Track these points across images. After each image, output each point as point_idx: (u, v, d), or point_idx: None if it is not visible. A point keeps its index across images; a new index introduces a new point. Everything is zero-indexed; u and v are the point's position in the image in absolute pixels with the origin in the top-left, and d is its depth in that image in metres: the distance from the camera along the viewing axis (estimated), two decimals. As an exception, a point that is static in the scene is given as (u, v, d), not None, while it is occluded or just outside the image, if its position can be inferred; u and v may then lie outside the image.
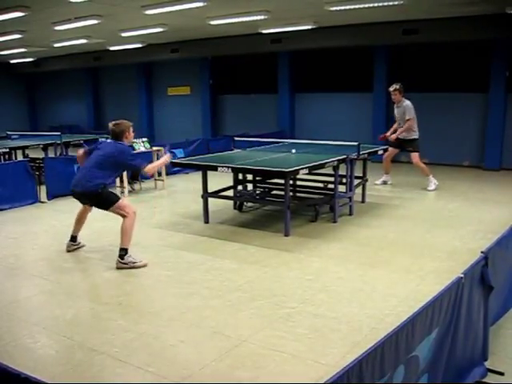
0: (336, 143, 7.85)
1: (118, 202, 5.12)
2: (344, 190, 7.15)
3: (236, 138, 8.78)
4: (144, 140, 9.41)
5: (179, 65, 16.30)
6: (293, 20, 11.07)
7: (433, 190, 8.73)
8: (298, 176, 7.01)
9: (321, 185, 7.81)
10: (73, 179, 5.30)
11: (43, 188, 8.50)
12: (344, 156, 6.90)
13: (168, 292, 4.54)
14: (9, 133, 12.79)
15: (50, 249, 5.86)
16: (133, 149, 8.96)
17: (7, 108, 19.42)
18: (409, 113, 8.68)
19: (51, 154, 11.07)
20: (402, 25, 11.09)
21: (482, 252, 2.83)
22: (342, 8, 9.24)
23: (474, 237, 6.01)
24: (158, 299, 4.40)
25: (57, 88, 20.00)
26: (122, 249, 5.10)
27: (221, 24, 10.95)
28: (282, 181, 6.41)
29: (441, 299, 2.31)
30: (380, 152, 8.52)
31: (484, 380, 2.92)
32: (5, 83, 19.46)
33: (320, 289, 4.50)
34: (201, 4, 8.87)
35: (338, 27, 11.82)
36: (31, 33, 11.82)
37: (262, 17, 10.17)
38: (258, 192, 8.12)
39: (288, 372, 3.17)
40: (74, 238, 5.70)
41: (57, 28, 10.98)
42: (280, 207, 6.73)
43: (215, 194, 7.06)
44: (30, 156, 10.73)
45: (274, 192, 7.79)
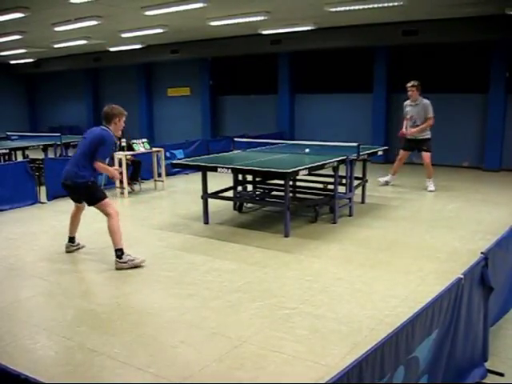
0: (336, 144, 7.86)
1: (105, 200, 5.24)
2: (344, 191, 7.15)
3: (236, 139, 8.78)
4: (144, 141, 9.41)
5: (179, 66, 16.32)
6: (293, 21, 11.08)
7: (433, 191, 8.74)
8: (298, 177, 7.02)
9: (321, 186, 7.81)
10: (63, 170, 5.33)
11: (43, 189, 8.51)
12: (344, 157, 6.91)
13: (168, 293, 4.54)
14: (9, 133, 12.80)
15: (50, 249, 5.86)
16: (132, 149, 8.98)
17: (7, 109, 19.42)
18: (430, 111, 8.54)
19: (51, 155, 11.08)
20: (402, 26, 11.11)
21: (482, 253, 2.83)
22: (342, 9, 9.26)
23: (474, 237, 6.01)
24: (158, 300, 4.40)
25: (57, 89, 20.02)
26: (117, 249, 5.14)
27: (221, 25, 10.96)
28: (282, 182, 6.41)
29: (441, 300, 2.31)
30: (380, 153, 8.54)
31: (484, 381, 2.92)
32: (5, 84, 19.47)
33: (320, 290, 4.50)
34: (201, 5, 8.88)
35: (338, 28, 11.84)
36: (31, 34, 11.83)
37: (262, 18, 10.18)
38: (258, 193, 8.12)
39: (288, 373, 3.17)
40: (72, 239, 5.73)
41: (57, 29, 11.00)
42: (280, 208, 6.73)
43: (215, 195, 7.06)
44: (30, 157, 10.73)
45: (274, 193, 7.78)
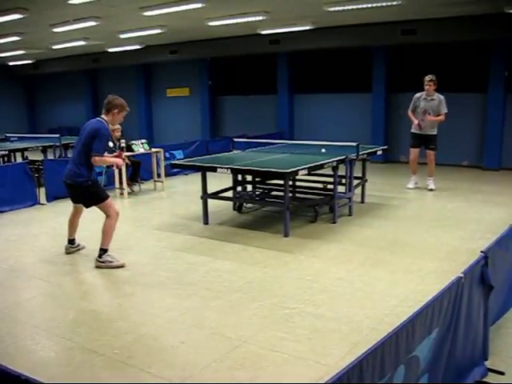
0: (335, 144, 7.86)
1: (108, 200, 5.19)
2: (343, 191, 7.15)
3: (235, 139, 8.78)
4: (143, 141, 9.41)
5: (178, 66, 16.32)
6: (291, 21, 11.08)
7: (433, 190, 8.73)
8: (298, 177, 7.02)
9: (320, 185, 7.81)
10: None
11: (43, 190, 8.50)
12: (343, 156, 6.91)
13: (168, 293, 4.54)
14: (8, 135, 12.78)
15: (50, 251, 5.86)
16: (131, 150, 8.97)
17: (6, 110, 19.41)
18: (445, 107, 8.46)
19: (50, 156, 11.09)
20: (401, 25, 11.11)
21: (482, 252, 2.83)
22: (341, 8, 9.26)
23: (474, 237, 6.01)
24: (158, 300, 4.40)
25: (56, 90, 20.01)
26: (102, 249, 5.16)
27: (219, 25, 10.97)
28: (282, 182, 6.41)
29: (441, 299, 2.31)
30: (379, 152, 8.54)
31: (484, 380, 2.92)
32: (4, 85, 19.46)
33: (320, 289, 4.50)
34: (199, 5, 8.88)
35: (337, 28, 11.84)
36: (30, 35, 11.83)
37: (261, 18, 10.19)
38: (258, 193, 8.12)
39: (288, 372, 3.17)
40: (72, 241, 5.70)
41: (55, 30, 11.00)
42: (279, 208, 6.73)
43: (215, 195, 7.06)
44: (30, 158, 10.72)
45: (274, 193, 7.79)
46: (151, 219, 7.33)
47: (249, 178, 7.89)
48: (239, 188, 7.84)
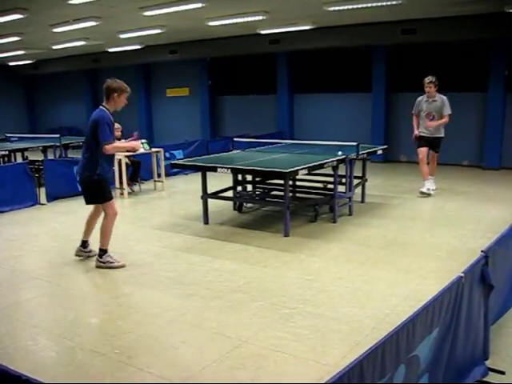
0: (335, 143, 7.86)
1: (111, 201, 5.15)
2: (343, 190, 7.15)
3: (235, 139, 8.78)
4: (143, 141, 9.39)
5: (178, 66, 16.31)
6: (291, 20, 11.08)
7: (433, 190, 8.47)
8: (298, 176, 7.02)
9: (320, 185, 7.81)
10: None
11: (43, 190, 8.50)
12: (343, 156, 6.91)
13: (168, 293, 4.54)
14: (8, 135, 12.79)
15: (51, 251, 5.86)
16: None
17: (6, 110, 19.42)
18: (448, 108, 8.09)
19: (50, 156, 11.08)
20: (401, 25, 11.10)
21: (483, 251, 2.83)
22: (340, 8, 9.26)
23: (474, 236, 6.01)
24: (159, 300, 4.40)
25: (56, 90, 20.00)
26: (101, 249, 5.14)
27: (219, 25, 10.97)
28: (282, 181, 6.41)
29: (441, 299, 2.31)
30: (379, 152, 8.54)
31: (485, 379, 2.92)
32: (4, 85, 19.46)
33: (320, 289, 4.50)
34: (199, 5, 8.88)
35: (337, 27, 11.83)
36: (30, 35, 11.83)
37: (261, 17, 10.18)
38: (258, 193, 8.12)
39: (289, 372, 3.17)
40: (84, 244, 5.45)
41: (55, 30, 11.00)
42: (280, 208, 6.73)
43: (215, 195, 7.06)
44: (30, 158, 10.72)
45: (274, 192, 7.79)
46: (151, 219, 7.33)
47: (249, 178, 7.89)
48: (239, 188, 7.84)
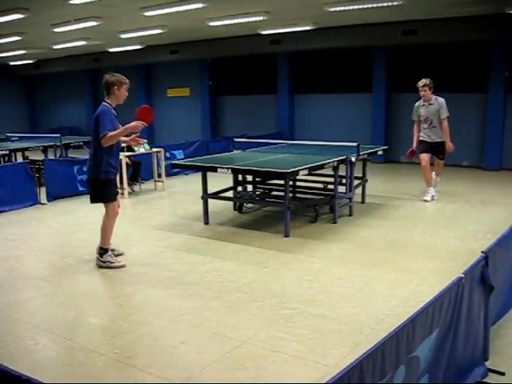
0: (336, 144, 7.86)
1: (113, 203, 5.17)
2: (344, 191, 7.15)
3: (236, 139, 8.78)
4: (144, 141, 9.38)
5: (178, 66, 16.32)
6: (292, 21, 11.09)
7: (429, 201, 7.96)
8: (298, 177, 7.02)
9: (321, 185, 7.81)
10: None
11: (43, 190, 8.51)
12: (344, 156, 6.91)
13: (168, 293, 4.54)
14: (8, 135, 12.79)
15: (51, 251, 5.87)
16: (132, 150, 8.96)
17: (7, 110, 19.43)
18: (445, 111, 7.63)
19: (51, 156, 11.08)
20: (401, 25, 11.11)
21: (483, 252, 2.83)
22: (341, 9, 9.26)
23: (474, 237, 6.01)
24: (159, 300, 4.40)
25: (56, 90, 20.02)
26: (102, 248, 5.15)
27: (220, 25, 10.97)
28: (282, 182, 6.41)
29: (441, 299, 2.31)
30: (380, 152, 8.53)
31: (485, 380, 2.92)
32: (4, 85, 19.48)
33: (320, 289, 4.50)
34: (200, 5, 8.89)
35: (337, 28, 11.84)
36: (30, 35, 11.84)
37: (261, 18, 10.19)
38: (258, 193, 8.12)
39: (289, 373, 3.17)
40: (105, 250, 5.36)
41: (56, 30, 11.00)
42: (280, 208, 6.73)
43: (215, 195, 7.06)
44: (30, 158, 10.73)
45: (274, 193, 7.79)
46: (151, 219, 7.33)
47: (249, 178, 7.89)
48: (240, 188, 7.84)
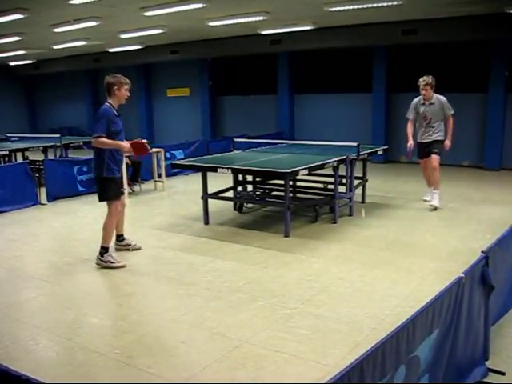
0: (336, 144, 7.86)
1: (115, 202, 5.22)
2: (344, 191, 7.15)
3: (236, 139, 8.78)
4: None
5: (178, 66, 16.32)
6: (292, 21, 11.08)
7: (435, 207, 7.36)
8: (298, 177, 7.02)
9: (321, 185, 7.81)
10: None
11: (43, 190, 8.50)
12: (344, 156, 6.91)
13: (168, 293, 4.54)
14: (8, 135, 12.79)
15: (51, 251, 5.87)
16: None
17: (7, 110, 19.41)
18: (450, 108, 7.30)
19: (51, 156, 11.08)
20: (401, 25, 11.10)
21: (483, 252, 2.83)
22: (341, 9, 9.26)
23: (475, 237, 6.00)
24: (159, 300, 4.40)
25: (56, 90, 20.02)
26: (102, 247, 5.18)
27: (220, 25, 10.96)
28: (282, 182, 6.41)
29: (441, 299, 2.31)
30: (380, 152, 8.52)
31: (485, 380, 2.92)
32: (4, 85, 19.47)
33: (320, 289, 4.50)
34: (200, 5, 8.88)
35: (337, 28, 11.84)
36: (30, 35, 11.83)
37: (261, 18, 10.18)
38: (258, 193, 8.12)
39: (289, 372, 3.17)
40: (118, 237, 5.69)
41: (56, 30, 11.00)
42: (280, 208, 6.74)
43: (215, 196, 7.06)
44: (30, 158, 10.73)
45: (274, 193, 7.79)
46: (152, 219, 7.33)
47: (249, 178, 7.89)
48: (240, 188, 7.84)
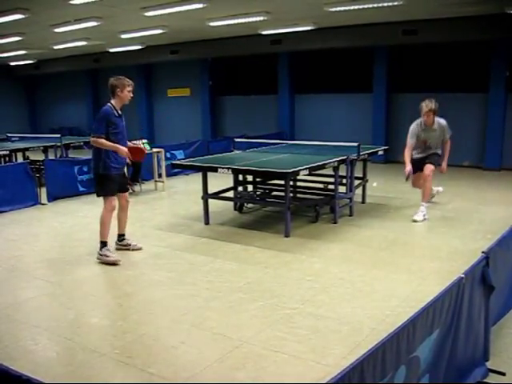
0: (336, 144, 7.85)
1: (110, 197, 5.36)
2: (344, 191, 7.15)
3: (236, 139, 8.78)
4: (144, 141, 9.39)
5: (179, 66, 16.32)
6: (292, 21, 11.08)
7: (419, 221, 6.83)
8: (299, 177, 7.02)
9: (321, 186, 7.81)
10: None
11: (43, 190, 8.50)
12: (344, 157, 6.91)
13: (169, 293, 4.54)
14: (9, 135, 12.79)
15: (51, 251, 5.87)
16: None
17: (7, 110, 19.42)
18: (449, 131, 7.09)
19: (51, 156, 11.09)
20: (402, 25, 11.10)
21: (483, 252, 2.83)
22: (342, 9, 9.26)
23: (475, 237, 6.00)
24: (159, 300, 4.40)
25: (57, 90, 20.02)
26: (101, 241, 5.34)
27: (220, 25, 10.97)
28: (283, 182, 6.41)
29: (442, 299, 2.31)
30: (380, 152, 8.52)
31: (485, 380, 2.92)
32: (5, 85, 19.48)
33: (321, 289, 4.50)
34: (200, 5, 8.88)
35: (338, 28, 11.84)
36: (31, 35, 11.84)
37: (262, 18, 10.18)
38: (259, 193, 8.12)
39: (289, 373, 3.17)
40: (119, 237, 5.73)
41: (56, 30, 11.01)
42: (280, 208, 6.73)
43: (215, 196, 7.06)
44: (31, 158, 10.73)
45: (275, 193, 7.78)
46: (152, 219, 7.33)
47: (249, 178, 7.89)
48: (240, 188, 7.84)
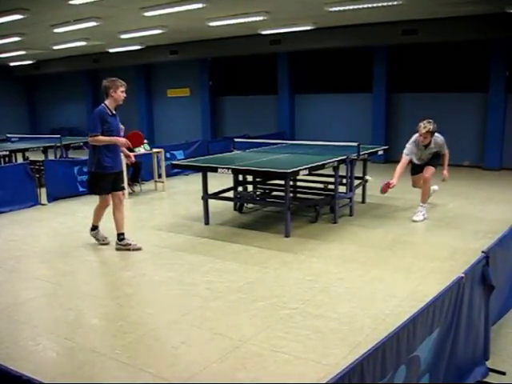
0: (336, 144, 7.85)
1: (103, 196, 5.71)
2: (344, 191, 7.15)
3: (236, 140, 8.77)
4: (144, 142, 9.38)
5: (178, 66, 16.31)
6: (292, 21, 11.07)
7: (419, 221, 6.89)
8: (298, 177, 7.02)
9: (321, 185, 7.81)
10: None
11: (43, 190, 8.50)
12: (344, 156, 6.91)
13: (169, 293, 4.54)
14: (9, 135, 12.79)
15: (51, 251, 5.86)
16: (132, 150, 8.94)
17: (7, 110, 19.41)
18: (446, 146, 7.02)
19: (51, 157, 11.08)
20: (401, 25, 11.09)
21: (483, 251, 2.83)
22: (341, 9, 9.25)
23: (475, 236, 6.00)
24: (159, 300, 4.40)
25: (57, 90, 20.01)
26: (93, 225, 5.89)
27: (220, 25, 10.96)
28: (283, 182, 6.41)
29: (442, 299, 2.31)
30: (380, 152, 8.51)
31: (485, 380, 2.92)
32: (4, 86, 19.47)
33: (321, 289, 4.50)
34: (200, 5, 8.87)
35: (337, 28, 11.83)
36: (30, 35, 11.83)
37: (261, 18, 10.17)
38: (259, 193, 8.12)
39: (289, 373, 3.17)
40: (118, 236, 5.80)
41: (56, 30, 10.99)
42: (280, 208, 6.74)
43: (215, 196, 7.06)
44: (30, 158, 10.72)
45: (275, 193, 7.78)
46: (152, 219, 7.33)
47: (249, 179, 7.89)
48: (240, 188, 7.84)
